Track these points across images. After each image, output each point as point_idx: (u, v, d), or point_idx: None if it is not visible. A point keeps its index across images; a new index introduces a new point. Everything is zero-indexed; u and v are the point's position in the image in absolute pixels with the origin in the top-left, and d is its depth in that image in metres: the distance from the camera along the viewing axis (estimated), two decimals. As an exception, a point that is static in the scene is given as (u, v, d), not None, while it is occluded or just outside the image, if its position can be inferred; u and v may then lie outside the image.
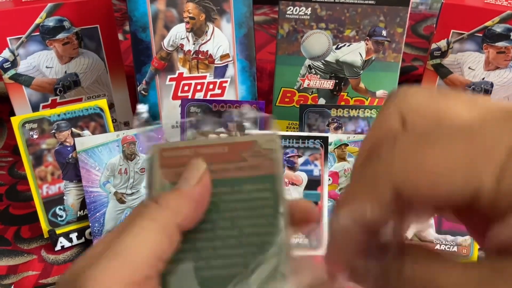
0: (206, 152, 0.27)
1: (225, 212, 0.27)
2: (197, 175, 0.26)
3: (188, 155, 0.27)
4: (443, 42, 0.74)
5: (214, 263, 0.26)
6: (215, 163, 0.27)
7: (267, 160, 0.28)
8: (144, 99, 0.75)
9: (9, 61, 0.71)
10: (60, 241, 0.63)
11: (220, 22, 0.72)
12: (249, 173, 0.27)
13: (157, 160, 0.28)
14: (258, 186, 0.27)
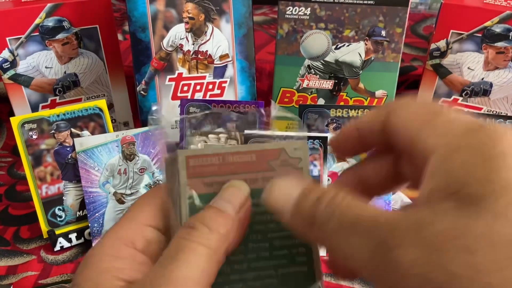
0: (234, 160, 0.27)
1: (256, 225, 0.26)
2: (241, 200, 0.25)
3: (216, 163, 0.27)
4: (442, 42, 0.74)
5: (247, 276, 0.25)
6: (243, 173, 0.27)
7: (295, 169, 0.27)
8: (143, 100, 0.75)
9: (8, 61, 0.71)
10: (59, 242, 0.63)
11: (220, 22, 0.72)
12: None
13: (184, 168, 0.26)
14: None
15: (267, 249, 0.26)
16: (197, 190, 0.26)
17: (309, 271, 0.26)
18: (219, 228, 0.24)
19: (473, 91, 0.76)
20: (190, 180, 0.26)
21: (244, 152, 0.27)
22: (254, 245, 0.26)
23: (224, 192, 0.26)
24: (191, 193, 0.26)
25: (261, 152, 0.27)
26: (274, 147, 0.27)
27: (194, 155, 0.26)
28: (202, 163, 0.26)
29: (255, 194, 0.26)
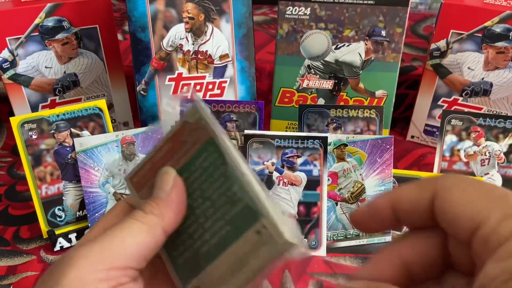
0: (159, 156, 0.30)
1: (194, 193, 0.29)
2: (169, 181, 0.28)
3: (149, 168, 0.30)
4: (442, 42, 0.74)
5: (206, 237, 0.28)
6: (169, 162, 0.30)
7: (200, 130, 0.29)
8: (143, 99, 0.75)
9: (8, 61, 0.71)
10: (59, 242, 0.63)
11: (220, 22, 0.72)
12: (193, 150, 0.29)
13: (132, 188, 0.31)
14: (204, 155, 0.29)
15: (210, 206, 0.28)
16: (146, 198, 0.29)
17: (251, 203, 0.26)
18: (153, 210, 0.28)
19: (473, 91, 0.75)
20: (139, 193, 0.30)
21: (163, 145, 0.30)
22: (199, 209, 0.28)
23: (156, 181, 0.29)
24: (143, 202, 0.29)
25: (172, 137, 0.30)
26: (179, 125, 0.30)
27: (133, 174, 0.31)
28: (141, 175, 0.30)
29: (185, 169, 0.29)
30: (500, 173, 0.67)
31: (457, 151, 0.68)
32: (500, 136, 0.67)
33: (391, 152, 0.64)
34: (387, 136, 0.65)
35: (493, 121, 0.66)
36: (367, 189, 0.64)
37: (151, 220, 0.27)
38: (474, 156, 0.67)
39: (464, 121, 0.67)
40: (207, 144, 0.28)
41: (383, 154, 0.64)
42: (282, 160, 0.64)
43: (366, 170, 0.64)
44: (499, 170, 0.67)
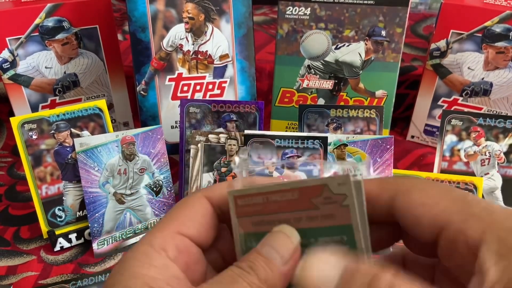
0: (277, 199, 0.26)
1: None
2: (289, 249, 0.25)
3: (261, 202, 0.26)
4: (442, 42, 0.74)
5: None
6: (287, 212, 0.26)
7: (341, 207, 0.24)
8: (143, 100, 0.75)
9: (8, 62, 0.71)
10: (59, 242, 0.63)
11: (220, 23, 0.72)
12: (322, 223, 0.25)
13: (233, 208, 0.27)
14: (334, 238, 0.25)
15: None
16: (245, 229, 0.27)
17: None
18: (260, 273, 0.24)
19: (473, 91, 0.75)
20: (240, 219, 0.27)
21: (287, 190, 0.26)
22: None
23: (273, 238, 0.25)
24: (241, 232, 0.27)
25: (303, 190, 0.25)
26: (316, 184, 0.25)
27: (241, 195, 0.27)
28: (249, 202, 0.27)
29: (303, 234, 0.25)
30: (500, 173, 0.67)
31: (457, 151, 0.68)
32: (500, 136, 0.67)
33: (391, 152, 0.64)
34: (387, 136, 0.65)
35: (493, 121, 0.66)
36: (367, 189, 0.64)
37: (252, 282, 0.24)
38: (474, 156, 0.67)
39: (464, 121, 0.67)
40: (340, 229, 0.25)
41: (383, 154, 0.64)
42: (282, 160, 0.64)
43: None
44: (499, 170, 0.67)
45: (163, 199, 0.65)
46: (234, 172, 0.27)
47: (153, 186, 0.65)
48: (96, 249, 0.62)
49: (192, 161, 0.65)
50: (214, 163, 0.65)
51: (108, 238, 0.63)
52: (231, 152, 0.65)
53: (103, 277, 0.57)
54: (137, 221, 0.64)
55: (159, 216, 0.65)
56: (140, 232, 0.64)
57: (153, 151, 0.65)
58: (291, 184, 0.26)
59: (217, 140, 0.65)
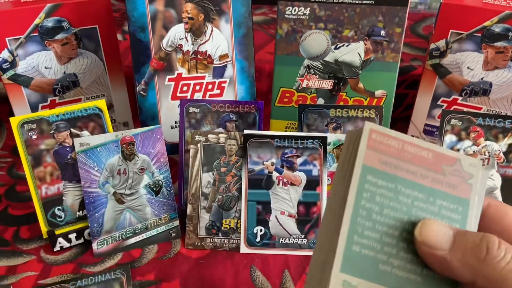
0: (411, 151, 0.28)
1: (416, 218, 0.28)
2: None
3: (395, 146, 0.28)
4: (442, 42, 0.74)
5: (394, 262, 0.27)
6: (416, 165, 0.28)
7: (465, 183, 0.28)
8: (143, 100, 0.75)
9: (8, 62, 0.71)
10: (59, 242, 0.63)
11: (219, 23, 0.72)
12: (445, 188, 0.28)
13: (365, 139, 0.28)
14: (450, 205, 0.28)
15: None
16: (370, 163, 0.28)
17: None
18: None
19: (472, 90, 0.75)
20: (368, 150, 0.28)
21: (423, 148, 0.28)
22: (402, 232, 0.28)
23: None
24: (364, 164, 0.28)
25: (438, 154, 0.28)
26: (452, 155, 0.28)
27: (378, 131, 0.28)
28: (383, 140, 0.28)
29: (422, 189, 0.28)
30: (499, 172, 0.67)
31: (457, 151, 0.68)
32: (499, 135, 0.67)
33: (390, 152, 0.64)
34: (387, 136, 0.65)
35: (492, 121, 0.66)
36: (366, 189, 0.64)
37: None
38: (474, 156, 0.68)
39: (463, 121, 0.67)
40: (459, 200, 0.28)
41: (383, 154, 0.64)
42: (281, 160, 0.64)
43: (365, 170, 0.64)
44: (499, 170, 0.67)
45: (162, 199, 0.65)
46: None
47: (152, 186, 0.65)
48: (96, 249, 0.62)
49: (191, 161, 0.65)
50: (214, 163, 0.65)
51: (108, 238, 0.63)
52: (231, 152, 0.65)
53: (103, 277, 0.57)
54: (137, 221, 0.64)
55: (158, 216, 0.65)
56: (140, 232, 0.64)
57: (152, 151, 0.65)
58: (429, 145, 0.28)
59: (217, 140, 0.65)
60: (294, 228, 0.63)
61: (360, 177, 0.27)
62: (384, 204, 0.27)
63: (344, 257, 0.27)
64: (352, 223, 0.27)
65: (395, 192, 0.28)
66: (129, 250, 0.64)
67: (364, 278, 0.27)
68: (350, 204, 0.27)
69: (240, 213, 0.64)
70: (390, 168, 0.28)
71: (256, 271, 0.60)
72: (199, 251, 0.64)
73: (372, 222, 0.27)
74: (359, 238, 0.27)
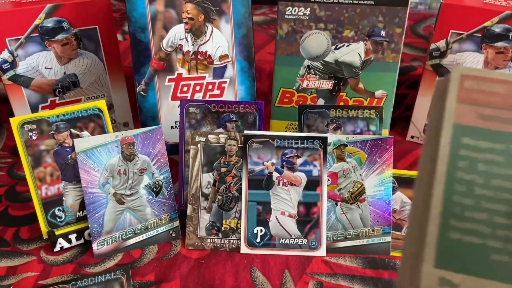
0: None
1: None
2: None
3: (501, 92, 0.21)
4: (442, 42, 0.74)
5: (504, 248, 0.21)
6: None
7: None
8: (143, 100, 0.75)
9: (8, 62, 0.71)
10: (59, 242, 0.63)
11: (219, 23, 0.72)
12: None
13: (454, 90, 0.21)
14: None
15: None
16: (465, 121, 0.21)
17: None
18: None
19: (473, 91, 0.75)
20: (460, 105, 0.21)
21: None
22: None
23: None
24: (456, 123, 0.21)
25: None
26: None
27: (473, 75, 0.21)
28: (482, 87, 0.21)
29: None
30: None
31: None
32: (499, 136, 0.67)
33: (391, 152, 0.64)
34: (387, 136, 0.65)
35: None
36: (367, 189, 0.64)
37: None
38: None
39: (463, 121, 0.67)
40: None
41: (383, 154, 0.64)
42: (282, 160, 0.64)
43: (366, 170, 0.64)
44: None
45: (163, 199, 0.65)
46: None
47: (153, 187, 0.65)
48: (96, 250, 0.62)
49: (192, 161, 0.65)
50: (214, 163, 0.65)
51: (108, 239, 0.63)
52: (231, 152, 0.65)
53: (103, 277, 0.57)
54: (137, 222, 0.64)
55: (159, 217, 0.65)
56: (140, 232, 0.64)
57: (153, 151, 0.65)
58: None
59: (217, 140, 0.65)
60: (294, 229, 0.63)
61: (451, 141, 0.21)
62: (492, 173, 0.21)
63: (438, 248, 0.21)
64: (446, 203, 0.21)
65: (507, 154, 0.21)
66: (129, 250, 0.64)
67: (469, 273, 0.21)
68: (440, 178, 0.21)
69: (240, 213, 0.64)
70: (496, 123, 0.21)
71: (256, 271, 0.60)
72: (199, 251, 0.64)
73: (476, 199, 0.21)
74: (459, 222, 0.21)
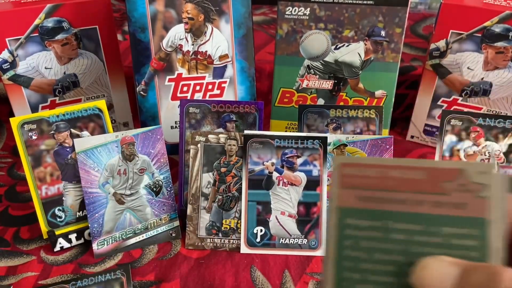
0: (397, 175, 0.23)
1: (417, 256, 0.22)
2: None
3: (374, 176, 0.23)
4: (442, 42, 0.74)
5: None
6: (406, 192, 0.23)
7: (477, 198, 0.22)
8: (143, 100, 0.75)
9: (8, 62, 0.71)
10: (59, 242, 0.63)
11: (219, 23, 0.72)
12: (449, 211, 0.22)
13: (336, 176, 0.24)
14: (461, 231, 0.22)
15: None
16: (345, 203, 0.23)
17: None
18: None
19: (472, 91, 0.75)
20: (342, 190, 0.24)
21: (411, 167, 0.23)
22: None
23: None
24: (338, 206, 0.24)
25: (433, 170, 0.23)
26: (452, 166, 0.23)
27: (350, 163, 0.24)
28: (358, 172, 0.23)
29: (419, 219, 0.23)
30: (499, 173, 0.67)
31: (457, 151, 0.68)
32: (499, 136, 0.67)
33: (391, 152, 0.64)
34: (387, 136, 0.65)
35: (492, 121, 0.66)
36: (366, 189, 0.64)
37: None
38: (474, 156, 0.67)
39: (463, 121, 0.67)
40: (472, 221, 0.22)
41: (383, 154, 0.64)
42: (281, 160, 0.64)
43: (365, 170, 0.64)
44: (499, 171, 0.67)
45: (163, 199, 0.65)
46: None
47: (153, 187, 0.65)
48: (96, 249, 0.62)
49: (191, 161, 0.65)
50: (214, 163, 0.65)
51: (108, 238, 0.63)
52: (231, 153, 0.65)
53: (103, 277, 0.57)
54: (137, 222, 0.64)
55: (159, 217, 0.65)
56: (140, 232, 0.64)
57: (153, 151, 0.65)
58: (419, 162, 0.23)
59: (217, 140, 0.65)
60: (294, 228, 0.63)
61: (337, 222, 0.23)
62: (373, 248, 0.23)
63: None
64: (337, 279, 0.23)
65: (384, 230, 0.23)
66: (129, 250, 0.64)
67: None
68: (330, 257, 0.23)
69: (240, 213, 0.64)
70: (373, 204, 0.23)
71: (256, 271, 0.60)
72: (199, 251, 0.64)
73: (362, 273, 0.23)
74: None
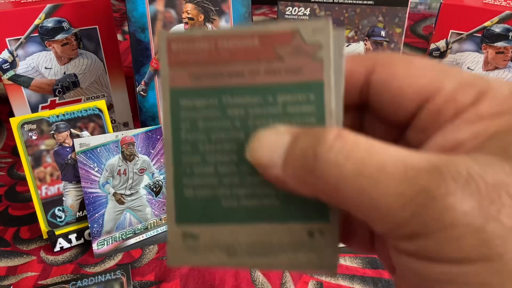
0: (230, 46, 0.21)
1: (255, 130, 0.21)
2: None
3: (206, 49, 0.21)
4: (442, 42, 0.74)
5: (240, 191, 0.21)
6: (240, 62, 0.21)
7: (313, 60, 0.20)
8: (143, 100, 0.75)
9: (8, 62, 0.71)
10: (59, 242, 0.63)
11: (219, 23, 0.72)
12: (285, 78, 0.21)
13: (165, 55, 0.21)
14: (297, 98, 0.21)
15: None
16: (179, 83, 0.21)
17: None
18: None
19: (472, 91, 0.75)
20: (172, 69, 0.21)
21: (244, 36, 0.21)
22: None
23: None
24: (172, 87, 0.22)
25: (266, 36, 0.20)
26: (284, 29, 0.20)
27: (178, 37, 0.21)
28: (188, 48, 0.21)
29: (255, 91, 0.21)
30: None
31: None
32: (499, 136, 0.67)
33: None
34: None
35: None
36: (366, 189, 0.64)
37: None
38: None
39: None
40: (308, 86, 0.20)
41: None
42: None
43: (365, 170, 0.64)
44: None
45: (163, 199, 0.65)
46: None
47: (153, 187, 0.65)
48: (96, 250, 0.62)
49: (191, 161, 0.65)
50: (214, 164, 0.65)
51: (108, 239, 0.63)
52: (231, 153, 0.65)
53: (103, 277, 0.57)
54: (137, 222, 0.64)
55: (159, 216, 0.65)
56: (140, 233, 0.64)
57: (153, 151, 0.65)
58: (251, 28, 0.21)
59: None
60: (294, 229, 0.63)
61: (170, 105, 0.21)
62: (211, 128, 0.21)
63: (177, 207, 0.21)
64: (177, 165, 0.21)
65: (221, 108, 0.21)
66: (129, 250, 0.64)
67: (205, 223, 0.21)
68: (168, 143, 0.22)
69: (240, 213, 0.64)
70: (207, 80, 0.21)
71: (256, 271, 0.60)
72: (199, 251, 0.63)
73: (201, 156, 0.21)
74: (190, 180, 0.21)
